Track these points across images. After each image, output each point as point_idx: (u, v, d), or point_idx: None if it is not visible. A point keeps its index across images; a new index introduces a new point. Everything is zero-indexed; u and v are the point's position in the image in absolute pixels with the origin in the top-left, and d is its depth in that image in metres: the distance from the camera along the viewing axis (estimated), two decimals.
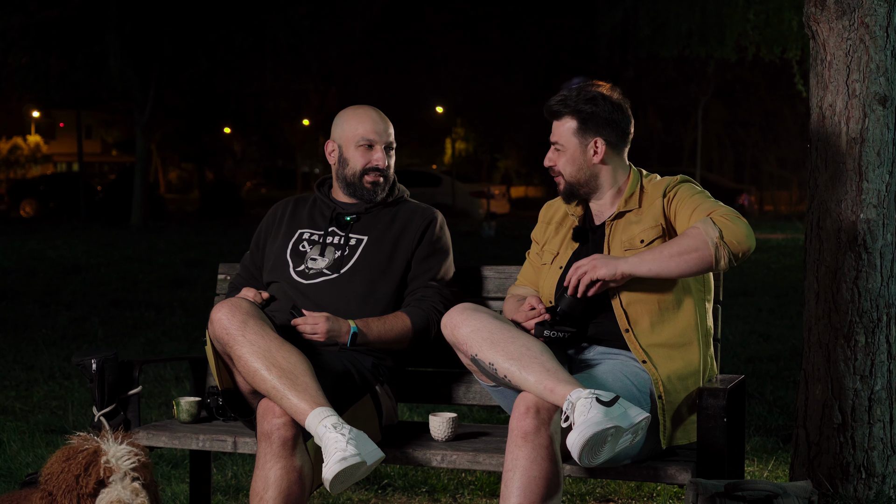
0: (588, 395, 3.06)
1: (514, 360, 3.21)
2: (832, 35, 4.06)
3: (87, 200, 30.74)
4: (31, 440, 5.46)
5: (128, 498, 2.88)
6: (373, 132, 3.87)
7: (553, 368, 3.18)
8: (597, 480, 4.66)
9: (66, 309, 10.74)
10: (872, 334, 4.04)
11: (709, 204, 3.44)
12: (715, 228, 3.31)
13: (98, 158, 51.21)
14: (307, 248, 3.88)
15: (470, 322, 3.33)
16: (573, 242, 3.63)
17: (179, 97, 31.35)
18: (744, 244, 3.32)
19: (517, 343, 3.26)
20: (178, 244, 19.23)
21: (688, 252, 3.33)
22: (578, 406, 3.04)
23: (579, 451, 3.01)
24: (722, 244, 3.30)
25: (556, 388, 3.12)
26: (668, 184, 3.57)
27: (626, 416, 3.05)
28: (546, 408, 3.15)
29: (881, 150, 4.03)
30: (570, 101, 3.56)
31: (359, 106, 3.98)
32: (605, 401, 3.05)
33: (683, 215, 3.46)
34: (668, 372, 3.41)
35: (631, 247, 3.49)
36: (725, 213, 3.37)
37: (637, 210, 3.56)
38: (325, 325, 3.62)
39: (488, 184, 38.54)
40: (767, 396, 6.41)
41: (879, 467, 4.04)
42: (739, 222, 3.33)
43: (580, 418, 3.02)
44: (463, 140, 46.92)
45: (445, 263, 3.90)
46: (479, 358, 3.30)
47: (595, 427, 3.00)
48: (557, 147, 3.60)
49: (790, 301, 10.98)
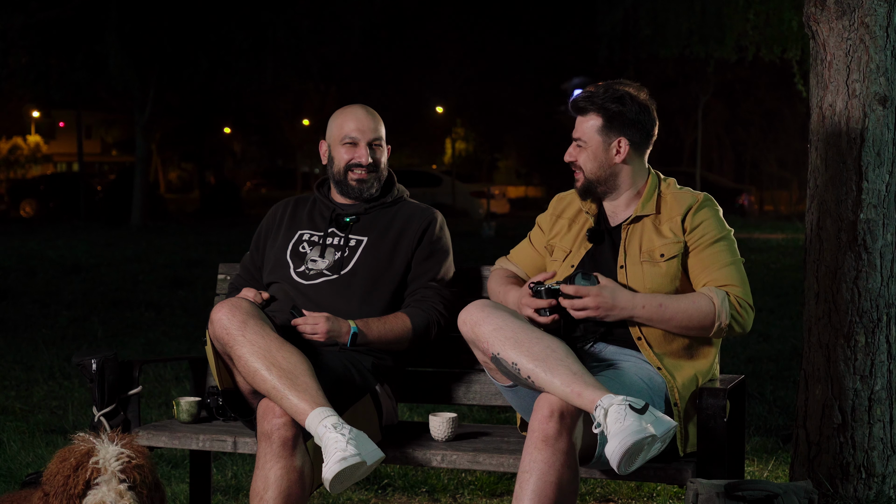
0: (621, 401, 3.01)
1: (538, 362, 3.16)
2: (832, 35, 4.06)
3: (87, 200, 30.73)
4: (31, 440, 5.46)
5: (111, 500, 2.87)
6: (355, 129, 3.88)
7: (579, 371, 3.13)
8: (597, 480, 4.66)
9: (66, 309, 10.74)
10: (872, 334, 4.04)
11: (729, 271, 3.43)
12: (728, 315, 3.35)
13: (98, 158, 51.17)
14: (307, 250, 3.88)
15: (491, 320, 3.28)
16: (587, 242, 3.59)
17: (179, 97, 31.33)
18: (743, 332, 3.42)
19: (542, 344, 3.20)
20: (178, 244, 19.22)
21: (693, 328, 3.39)
22: (612, 413, 3.00)
23: (619, 460, 2.96)
24: (725, 329, 3.37)
25: (583, 393, 3.07)
26: (691, 204, 3.52)
27: (659, 423, 3.01)
28: (570, 412, 3.10)
29: (881, 150, 4.03)
30: (597, 97, 3.52)
31: (348, 105, 4.00)
32: (638, 408, 3.00)
33: (700, 265, 3.45)
34: (683, 379, 3.39)
35: (650, 258, 3.45)
36: (741, 295, 3.40)
37: (655, 216, 3.52)
38: (326, 325, 3.62)
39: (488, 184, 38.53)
40: (767, 396, 6.41)
41: (879, 467, 4.04)
42: (749, 312, 3.40)
43: (615, 426, 2.98)
44: (463, 140, 46.90)
45: (445, 264, 3.90)
46: (501, 357, 3.24)
47: (635, 436, 2.95)
48: (580, 143, 3.56)
49: (790, 301, 10.98)
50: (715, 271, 3.42)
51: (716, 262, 3.43)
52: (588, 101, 3.54)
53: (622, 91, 3.53)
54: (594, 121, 3.54)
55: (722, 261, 3.44)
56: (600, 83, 3.58)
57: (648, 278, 3.44)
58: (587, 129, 3.55)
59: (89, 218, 29.49)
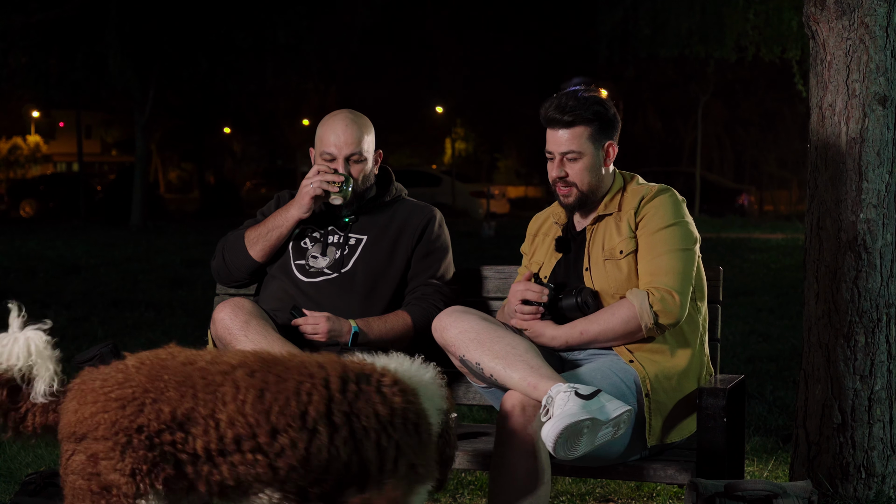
0: (567, 388, 3.07)
1: (499, 359, 3.23)
2: (832, 35, 4.06)
3: (87, 200, 30.74)
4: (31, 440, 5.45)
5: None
6: (332, 145, 3.85)
7: (537, 365, 3.20)
8: (597, 480, 4.65)
9: (66, 309, 10.73)
10: (872, 334, 4.04)
11: (662, 261, 3.44)
12: (650, 315, 3.37)
13: (98, 158, 51.20)
14: (308, 246, 3.89)
15: (458, 324, 3.35)
16: (556, 252, 3.63)
17: (179, 97, 31.34)
18: (675, 323, 3.42)
19: (503, 342, 3.27)
20: (178, 244, 19.21)
21: (622, 338, 3.44)
22: (557, 399, 3.06)
23: (553, 442, 3.01)
24: (654, 327, 3.40)
25: (539, 384, 3.14)
26: (644, 194, 3.54)
27: (603, 409, 3.06)
28: (531, 405, 3.17)
29: (881, 150, 4.03)
30: (580, 108, 3.50)
31: (334, 113, 3.94)
32: (585, 394, 3.06)
33: (641, 252, 3.48)
34: (654, 371, 3.43)
35: (611, 257, 3.50)
36: (667, 285, 3.40)
37: (616, 214, 3.55)
38: (327, 325, 3.63)
39: (488, 184, 38.53)
40: (767, 396, 6.41)
41: (879, 467, 4.04)
42: (674, 301, 3.38)
43: (557, 411, 3.04)
44: (463, 140, 46.90)
45: (445, 261, 3.90)
46: (466, 359, 3.32)
47: (569, 419, 3.01)
48: (571, 156, 3.53)
49: (790, 301, 10.97)
50: (650, 260, 3.45)
51: (654, 250, 3.46)
52: (572, 112, 3.50)
53: (592, 96, 3.53)
54: (584, 130, 3.52)
55: (659, 249, 3.45)
56: (561, 93, 3.55)
57: (612, 278, 3.49)
58: (579, 140, 3.52)
59: (89, 218, 29.48)
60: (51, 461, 5.05)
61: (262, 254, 3.89)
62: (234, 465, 2.69)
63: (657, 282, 3.41)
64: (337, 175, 3.80)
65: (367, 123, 3.92)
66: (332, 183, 3.80)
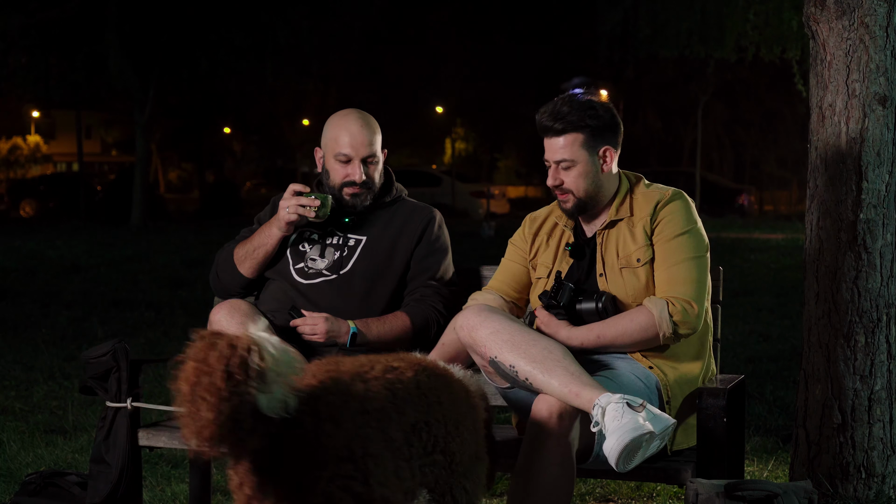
0: (619, 399, 3.02)
1: (536, 364, 3.17)
2: (832, 35, 4.06)
3: (87, 200, 30.71)
4: (31, 440, 5.46)
5: None
6: (349, 146, 3.83)
7: (576, 372, 3.14)
8: (597, 480, 4.65)
9: (66, 309, 10.73)
10: (872, 334, 4.04)
11: (679, 269, 3.41)
12: (669, 324, 3.34)
13: (98, 158, 51.19)
14: (307, 248, 3.88)
15: (488, 324, 3.29)
16: (569, 257, 3.58)
17: (179, 97, 31.35)
18: (692, 332, 3.40)
19: (538, 346, 3.22)
20: (178, 244, 19.21)
21: (639, 344, 3.41)
22: (610, 411, 3.00)
23: (617, 457, 2.97)
24: (672, 336, 3.37)
25: (581, 393, 3.08)
26: (658, 200, 3.51)
27: (657, 420, 3.02)
28: (569, 412, 3.12)
29: (881, 150, 4.03)
30: (571, 115, 3.46)
31: (343, 114, 3.91)
32: (635, 406, 3.02)
33: (658, 259, 3.45)
34: (674, 377, 3.41)
35: (628, 265, 3.46)
36: (685, 295, 3.37)
37: (629, 219, 3.52)
38: (325, 325, 3.63)
39: (488, 184, 38.52)
40: (767, 396, 6.41)
41: (879, 467, 4.04)
42: (691, 311, 3.36)
43: (613, 423, 2.98)
44: (463, 140, 46.90)
45: (444, 262, 3.90)
46: (499, 360, 3.26)
47: (633, 433, 2.96)
48: (565, 163, 3.50)
49: (790, 301, 10.97)
50: (667, 268, 3.42)
51: (670, 258, 3.43)
52: (563, 120, 3.46)
53: (588, 101, 3.49)
54: (576, 138, 3.48)
55: (675, 257, 3.43)
56: (556, 99, 3.52)
57: (630, 286, 3.46)
58: (572, 147, 3.48)
59: (89, 218, 29.46)
60: (51, 461, 5.05)
61: (252, 271, 3.88)
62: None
63: (675, 291, 3.38)
64: (312, 199, 3.77)
65: (376, 123, 3.93)
66: (309, 208, 3.78)
